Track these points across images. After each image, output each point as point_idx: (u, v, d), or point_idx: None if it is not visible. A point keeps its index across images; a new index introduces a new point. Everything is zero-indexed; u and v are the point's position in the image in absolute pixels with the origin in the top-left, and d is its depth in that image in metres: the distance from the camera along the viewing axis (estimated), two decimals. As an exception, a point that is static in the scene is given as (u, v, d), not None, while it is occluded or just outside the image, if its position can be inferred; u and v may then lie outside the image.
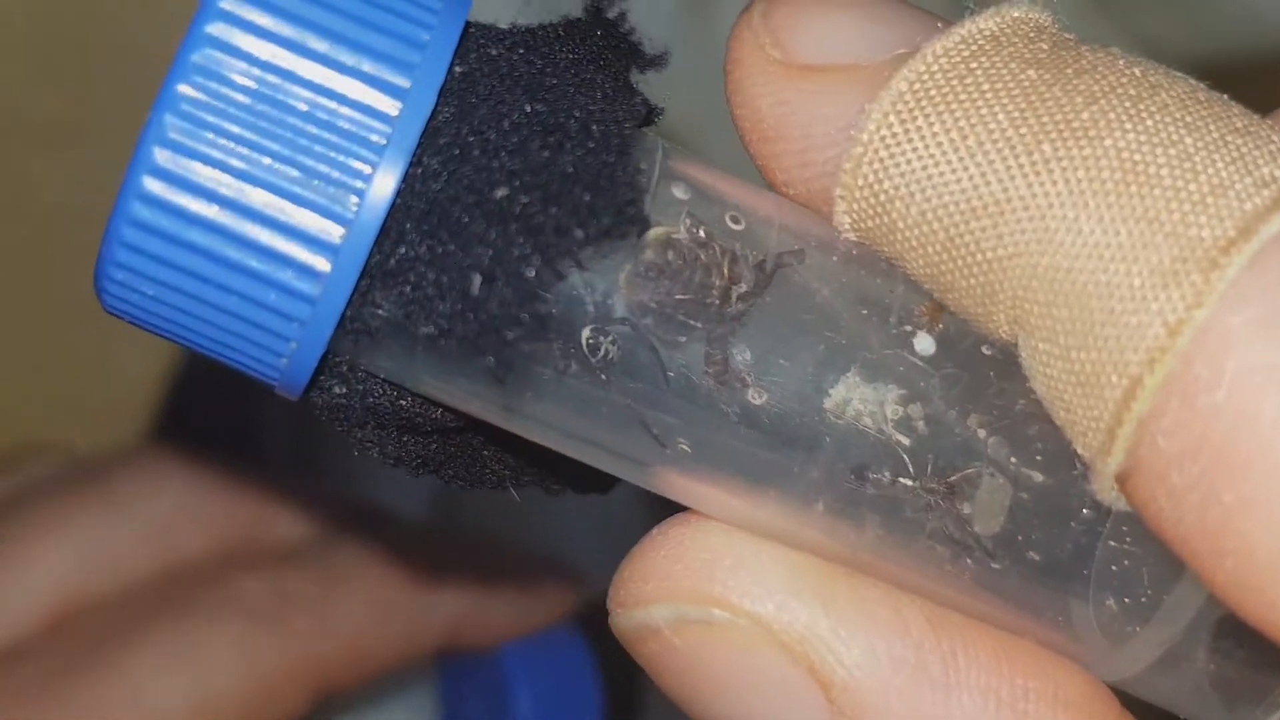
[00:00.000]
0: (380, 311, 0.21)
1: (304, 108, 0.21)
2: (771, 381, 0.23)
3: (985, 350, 0.23)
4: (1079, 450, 0.21)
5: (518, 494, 0.28)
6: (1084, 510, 0.22)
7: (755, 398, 0.23)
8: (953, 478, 0.23)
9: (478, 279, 0.20)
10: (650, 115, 0.22)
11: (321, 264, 0.21)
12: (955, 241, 0.22)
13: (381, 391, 0.23)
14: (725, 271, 0.23)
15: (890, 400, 0.23)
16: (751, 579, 0.23)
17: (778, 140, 0.23)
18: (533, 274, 0.21)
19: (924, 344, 0.23)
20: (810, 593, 0.23)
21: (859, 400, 0.23)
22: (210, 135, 0.21)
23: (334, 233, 0.21)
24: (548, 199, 0.21)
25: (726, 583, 0.23)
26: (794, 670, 0.23)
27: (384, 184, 0.21)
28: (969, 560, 0.23)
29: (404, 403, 0.23)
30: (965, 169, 0.22)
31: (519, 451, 0.27)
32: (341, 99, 0.21)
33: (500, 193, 0.21)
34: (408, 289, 0.21)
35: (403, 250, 0.21)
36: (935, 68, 0.22)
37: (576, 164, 0.21)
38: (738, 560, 0.23)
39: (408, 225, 0.21)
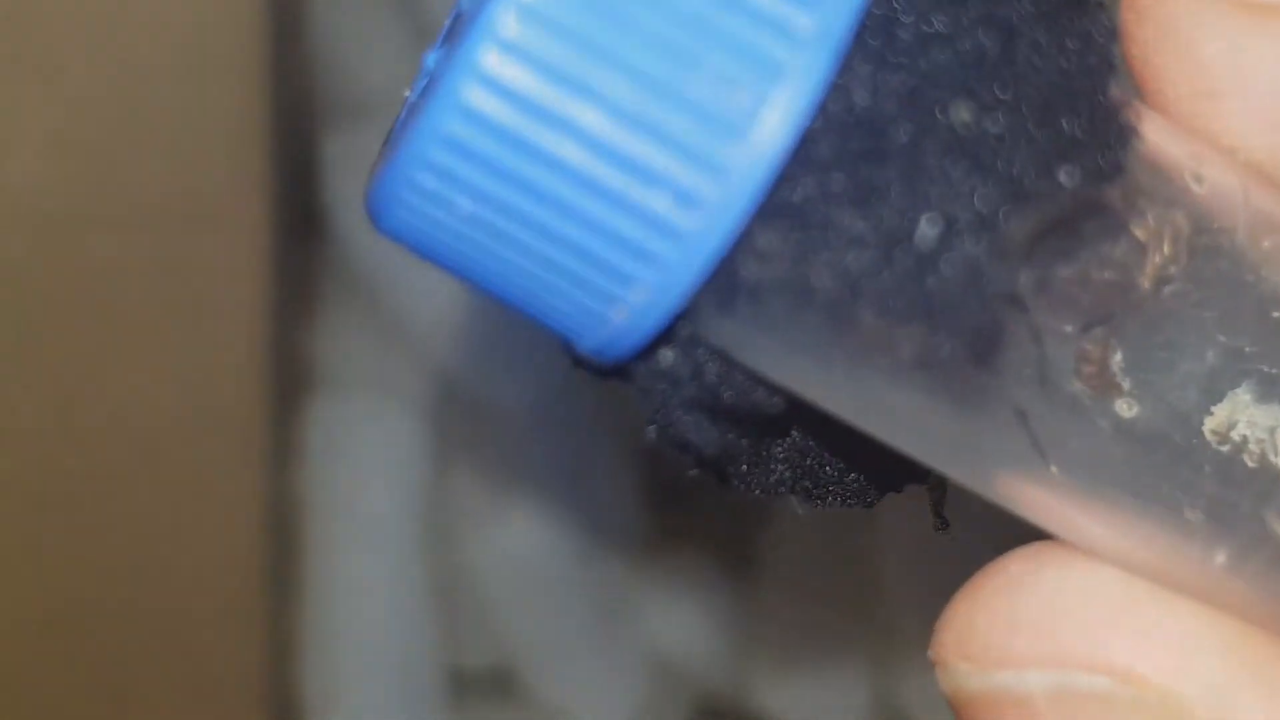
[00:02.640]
0: (760, 260, 0.16)
1: None
2: (1151, 391, 0.19)
3: None
4: None
5: (798, 504, 0.24)
6: None
7: (1126, 409, 0.19)
8: None
9: (937, 226, 0.15)
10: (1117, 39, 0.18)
11: (707, 189, 0.16)
12: None
13: (712, 364, 0.19)
14: (1164, 249, 0.18)
15: None
16: (1170, 646, 0.18)
17: (1233, 95, 0.19)
18: (1013, 223, 0.16)
19: None
20: (1246, 671, 0.18)
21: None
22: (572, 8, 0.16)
23: (726, 151, 0.16)
24: (1024, 128, 0.16)
25: (1139, 649, 0.18)
26: None
27: (798, 90, 0.16)
28: None
29: (735, 378, 0.19)
30: None
31: (821, 452, 0.23)
32: None
33: (961, 116, 0.16)
34: (809, 232, 0.16)
35: (811, 182, 0.16)
36: None
37: (1054, 85, 0.16)
38: (1149, 619, 0.18)
39: (817, 151, 0.16)
